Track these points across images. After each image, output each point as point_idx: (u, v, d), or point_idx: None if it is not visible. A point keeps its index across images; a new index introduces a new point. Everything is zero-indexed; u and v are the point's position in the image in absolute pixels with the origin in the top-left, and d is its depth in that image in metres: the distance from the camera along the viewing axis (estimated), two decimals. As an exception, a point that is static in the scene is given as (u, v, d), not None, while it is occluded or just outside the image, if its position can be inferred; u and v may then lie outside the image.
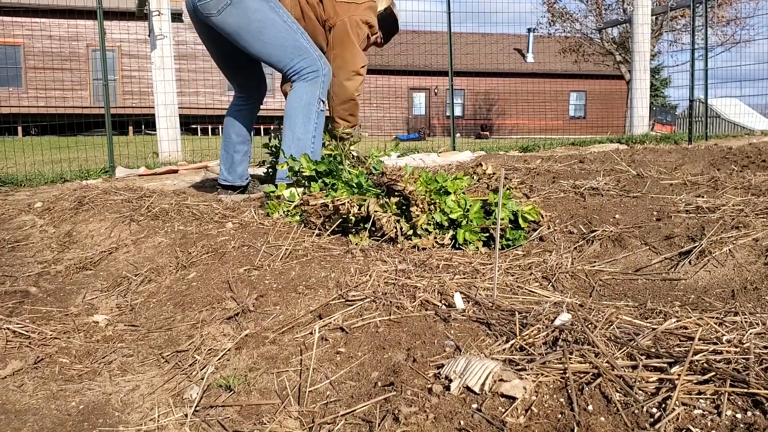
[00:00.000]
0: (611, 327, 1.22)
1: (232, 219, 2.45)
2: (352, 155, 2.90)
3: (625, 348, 1.10)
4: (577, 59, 20.95)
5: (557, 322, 1.23)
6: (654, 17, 12.69)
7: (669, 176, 2.96)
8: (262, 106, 3.15)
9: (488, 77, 23.14)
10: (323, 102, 2.54)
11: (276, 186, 2.58)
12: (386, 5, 2.84)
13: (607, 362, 1.04)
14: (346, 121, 2.90)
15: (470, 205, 2.05)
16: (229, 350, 1.33)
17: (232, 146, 3.05)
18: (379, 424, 0.98)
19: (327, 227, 2.19)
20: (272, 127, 3.69)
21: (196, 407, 1.14)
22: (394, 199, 2.12)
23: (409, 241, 2.06)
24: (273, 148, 3.09)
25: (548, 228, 2.17)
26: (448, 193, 2.06)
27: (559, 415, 0.93)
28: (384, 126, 23.60)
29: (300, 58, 2.47)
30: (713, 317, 1.27)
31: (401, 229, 2.06)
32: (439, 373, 1.08)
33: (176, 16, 8.22)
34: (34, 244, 2.44)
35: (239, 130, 3.05)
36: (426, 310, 1.39)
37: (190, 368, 1.30)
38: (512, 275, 1.74)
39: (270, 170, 3.24)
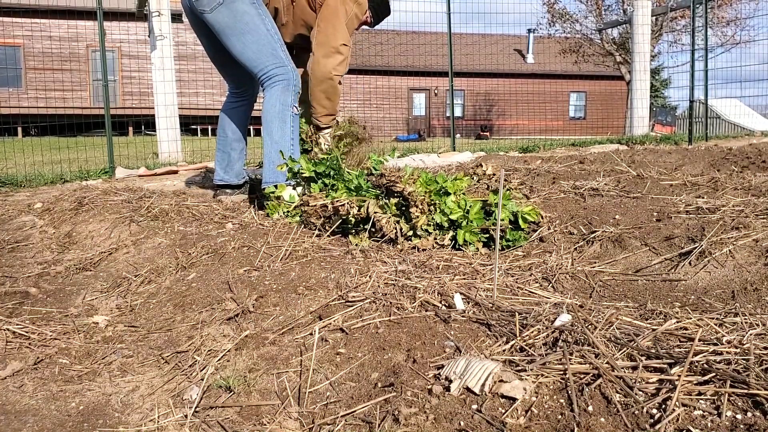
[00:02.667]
0: (611, 328, 1.22)
1: (232, 220, 2.45)
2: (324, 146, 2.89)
3: (625, 349, 1.10)
4: (577, 60, 20.94)
5: (557, 323, 1.23)
6: (654, 18, 12.69)
7: (669, 177, 2.96)
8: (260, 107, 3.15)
9: (488, 78, 23.13)
10: (296, 107, 2.65)
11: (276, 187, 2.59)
12: None
13: (607, 363, 1.04)
14: (321, 106, 2.83)
15: (470, 206, 2.05)
16: (228, 351, 1.33)
17: (228, 144, 3.04)
18: (379, 425, 0.98)
19: (327, 228, 2.19)
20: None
21: (195, 408, 1.14)
22: (393, 200, 2.12)
23: (409, 242, 2.06)
24: None
25: (548, 229, 2.17)
26: (448, 194, 2.06)
27: (560, 416, 0.93)
28: (384, 126, 23.59)
29: (274, 66, 2.60)
30: (713, 318, 1.27)
31: (401, 230, 2.06)
32: (439, 374, 1.08)
33: (176, 17, 8.23)
34: (33, 244, 2.44)
35: (235, 127, 3.05)
36: (426, 310, 1.39)
37: (190, 369, 1.30)
38: (512, 276, 1.74)
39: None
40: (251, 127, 3.20)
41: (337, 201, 2.14)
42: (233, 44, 2.58)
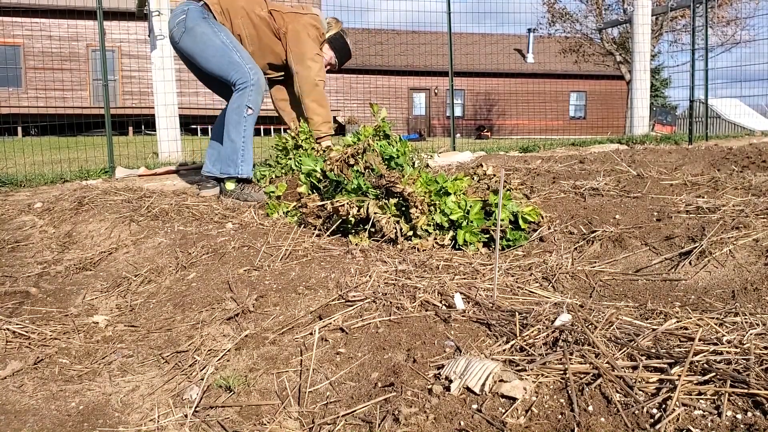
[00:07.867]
0: (611, 327, 1.22)
1: (232, 219, 2.45)
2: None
3: (625, 348, 1.10)
4: (577, 59, 20.92)
5: (557, 323, 1.23)
6: (654, 17, 12.68)
7: (669, 177, 2.95)
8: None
9: (488, 77, 23.12)
10: (250, 108, 2.95)
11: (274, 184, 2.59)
12: (336, 30, 3.30)
13: (608, 363, 1.04)
14: (317, 114, 3.11)
15: (470, 206, 2.05)
16: (228, 351, 1.33)
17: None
18: (379, 425, 0.98)
19: (327, 228, 2.19)
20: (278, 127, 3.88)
21: (195, 408, 1.14)
22: (393, 201, 2.12)
23: (409, 242, 2.05)
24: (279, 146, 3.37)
25: (548, 228, 2.17)
26: (448, 194, 2.06)
27: (560, 416, 0.93)
28: (384, 126, 23.48)
29: (233, 71, 2.91)
30: (713, 318, 1.27)
31: (401, 230, 2.06)
32: (439, 373, 1.08)
33: (176, 17, 8.18)
34: (34, 244, 2.44)
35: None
36: (426, 310, 1.39)
37: (190, 369, 1.30)
38: (512, 276, 1.74)
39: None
40: (261, 127, 3.40)
41: (336, 201, 2.14)
42: (201, 62, 2.95)
